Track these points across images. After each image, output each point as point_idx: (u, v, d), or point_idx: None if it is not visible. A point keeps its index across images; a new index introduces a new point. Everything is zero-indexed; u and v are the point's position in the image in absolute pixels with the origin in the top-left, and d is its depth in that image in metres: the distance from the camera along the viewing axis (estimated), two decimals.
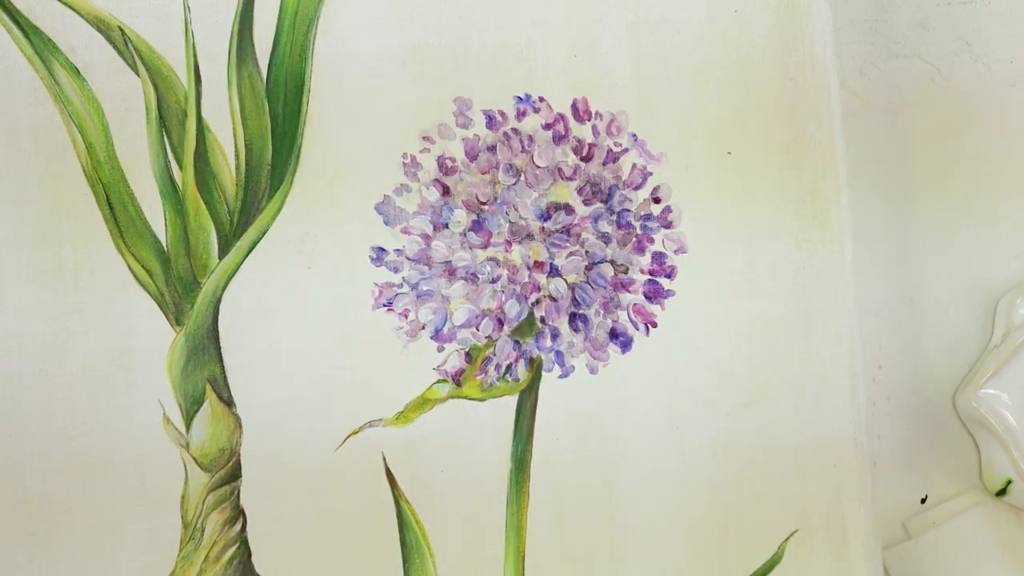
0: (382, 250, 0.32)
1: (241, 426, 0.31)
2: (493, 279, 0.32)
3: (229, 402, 0.31)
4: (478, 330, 0.32)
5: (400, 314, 0.32)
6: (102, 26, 0.32)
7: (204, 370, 0.31)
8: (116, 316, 0.31)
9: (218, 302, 0.32)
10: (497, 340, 0.32)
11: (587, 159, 0.32)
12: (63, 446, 0.31)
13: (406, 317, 0.32)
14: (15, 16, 0.32)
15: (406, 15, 0.33)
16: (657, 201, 0.33)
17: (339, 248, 0.32)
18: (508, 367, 0.32)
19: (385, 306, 0.32)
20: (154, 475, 0.31)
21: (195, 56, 0.32)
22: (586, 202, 0.32)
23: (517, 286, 0.32)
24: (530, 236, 0.32)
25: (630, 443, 0.33)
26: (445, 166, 0.32)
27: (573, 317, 0.32)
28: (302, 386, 0.32)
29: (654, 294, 0.33)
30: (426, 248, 0.32)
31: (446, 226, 0.32)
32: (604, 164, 0.33)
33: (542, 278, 0.32)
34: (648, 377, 0.33)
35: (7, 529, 0.31)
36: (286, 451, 0.31)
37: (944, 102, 0.39)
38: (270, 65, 0.32)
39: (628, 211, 0.32)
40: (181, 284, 0.32)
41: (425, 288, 0.32)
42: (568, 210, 0.32)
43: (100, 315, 0.31)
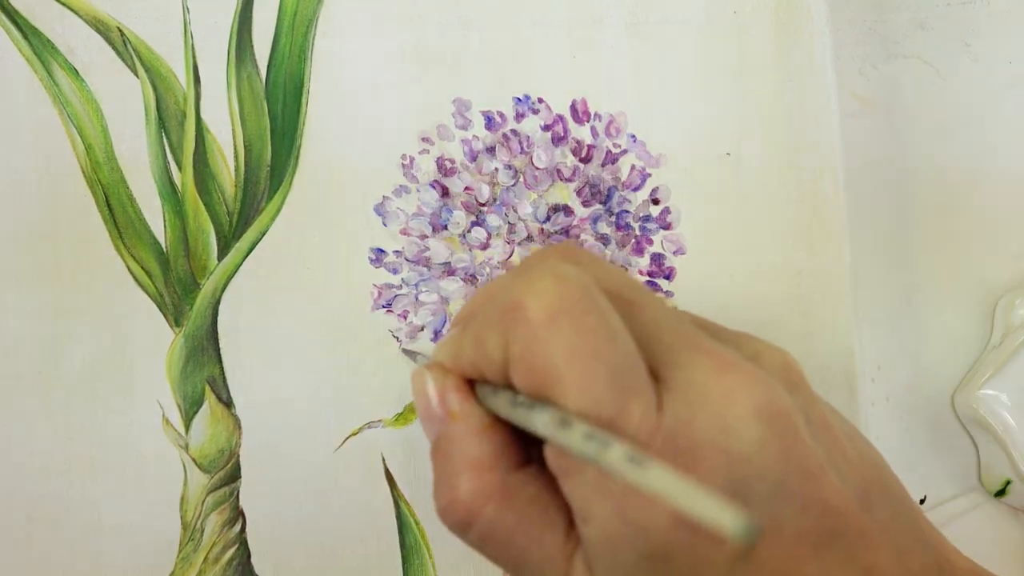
0: (381, 251, 0.32)
1: (240, 427, 0.31)
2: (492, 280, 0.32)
3: (228, 403, 0.31)
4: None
5: (399, 315, 0.32)
6: (101, 27, 0.32)
7: (203, 371, 0.31)
8: (115, 317, 0.31)
9: (217, 303, 0.32)
10: None
11: (586, 160, 0.32)
12: (63, 446, 0.31)
13: (405, 318, 0.32)
14: (14, 17, 0.32)
15: (406, 15, 0.33)
16: (656, 202, 0.33)
17: (338, 249, 0.32)
18: None
19: (384, 307, 0.32)
20: (153, 476, 0.31)
21: (194, 57, 0.32)
22: (585, 203, 0.32)
23: None
24: (529, 237, 0.32)
25: None
26: (444, 167, 0.32)
27: None
28: (301, 387, 0.32)
29: None
30: (425, 249, 0.32)
31: (445, 227, 0.32)
32: (603, 165, 0.33)
33: None
34: None
35: (7, 529, 0.31)
36: (286, 452, 0.31)
37: (943, 102, 0.39)
38: (269, 66, 0.32)
39: (627, 212, 0.32)
40: (180, 285, 0.32)
41: (425, 289, 0.32)
42: (567, 211, 0.32)
43: (99, 316, 0.31)
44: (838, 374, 0.33)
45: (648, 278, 0.32)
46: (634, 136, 0.33)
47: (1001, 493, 0.36)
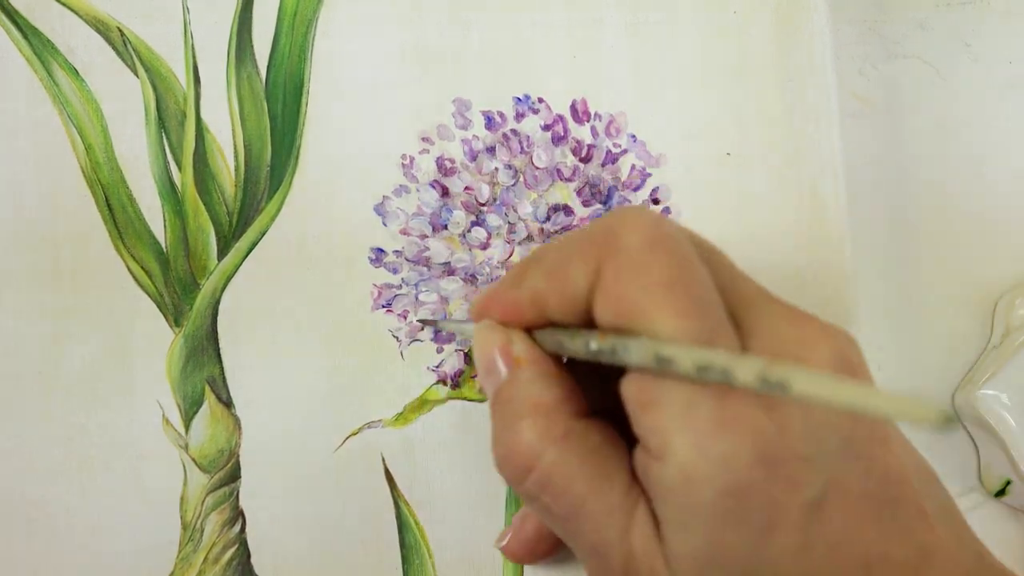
0: (381, 251, 0.32)
1: (240, 427, 0.31)
2: (492, 280, 0.32)
3: (228, 403, 0.31)
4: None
5: (399, 315, 0.32)
6: (101, 27, 0.32)
7: (203, 371, 0.31)
8: (115, 317, 0.31)
9: (217, 303, 0.32)
10: None
11: (586, 160, 0.32)
12: (63, 446, 0.31)
13: (405, 318, 0.32)
14: (14, 17, 0.32)
15: (406, 15, 0.33)
16: (656, 202, 0.33)
17: (338, 249, 0.32)
18: None
19: (384, 307, 0.32)
20: (153, 476, 0.31)
21: (194, 57, 0.32)
22: (585, 203, 0.32)
23: None
24: (529, 237, 0.32)
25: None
26: (444, 167, 0.32)
27: None
28: (301, 387, 0.32)
29: None
30: (425, 249, 0.32)
31: (445, 227, 0.32)
32: (603, 165, 0.33)
33: None
34: None
35: (7, 529, 0.31)
36: (285, 452, 0.31)
37: (943, 102, 0.39)
38: (269, 66, 0.32)
39: None
40: (180, 285, 0.32)
41: (425, 289, 0.32)
42: (567, 211, 0.32)
43: (99, 316, 0.31)
44: None
45: None
46: (634, 136, 0.33)
47: (1001, 493, 0.36)
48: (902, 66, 0.39)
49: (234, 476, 0.31)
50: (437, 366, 0.32)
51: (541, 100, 0.33)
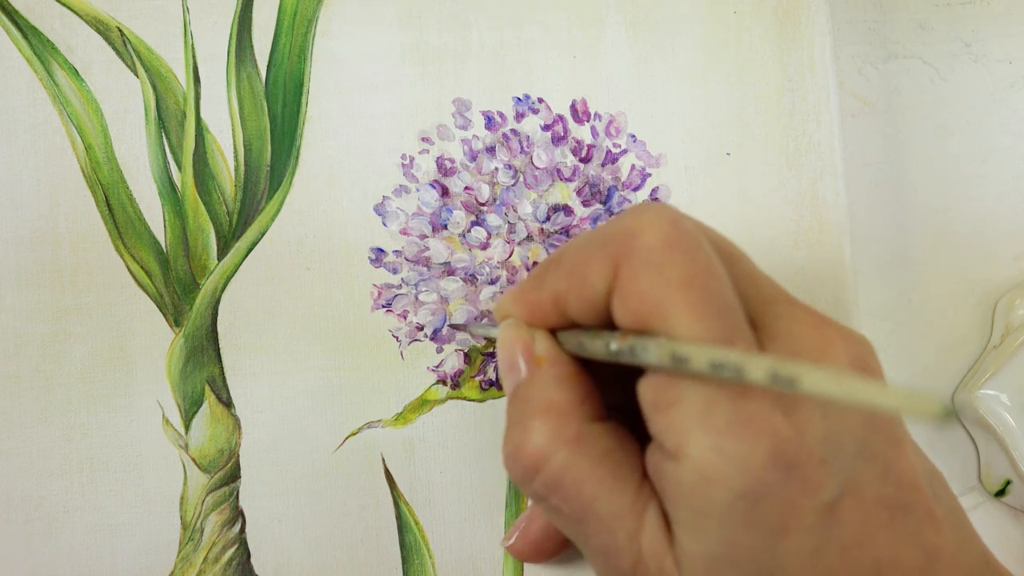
0: (381, 251, 0.32)
1: (240, 427, 0.31)
2: (492, 280, 0.32)
3: (228, 403, 0.31)
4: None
5: (399, 315, 0.32)
6: (101, 27, 0.32)
7: (203, 371, 0.31)
8: (115, 317, 0.31)
9: (217, 303, 0.32)
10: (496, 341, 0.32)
11: (586, 160, 0.32)
12: (62, 446, 0.31)
13: (405, 318, 0.32)
14: (14, 16, 0.32)
15: (405, 15, 0.33)
16: (656, 202, 0.33)
17: (338, 249, 0.32)
18: None
19: (384, 307, 0.32)
20: (153, 476, 0.31)
21: (194, 57, 0.32)
22: (585, 203, 0.32)
23: None
24: (529, 237, 0.32)
25: None
26: (444, 167, 0.32)
27: None
28: (301, 387, 0.32)
29: None
30: (425, 249, 0.32)
31: (445, 227, 0.32)
32: (603, 165, 0.33)
33: None
34: None
35: (7, 529, 0.31)
36: (285, 452, 0.31)
37: (943, 103, 0.39)
38: (269, 66, 0.32)
39: None
40: (180, 285, 0.32)
41: (425, 289, 0.32)
42: (567, 211, 0.32)
43: (99, 316, 0.31)
44: None
45: None
46: (634, 136, 0.33)
47: (1001, 493, 0.36)
48: (902, 66, 0.39)
49: (234, 476, 0.31)
50: (437, 366, 0.32)
51: (541, 100, 0.33)
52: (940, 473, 0.24)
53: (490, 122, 0.32)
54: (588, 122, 0.33)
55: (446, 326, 0.32)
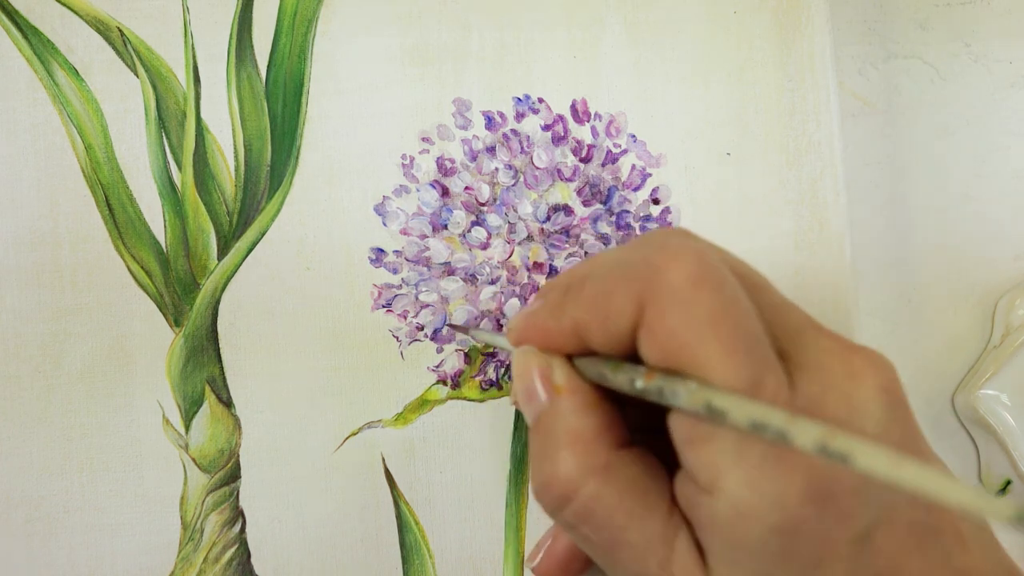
0: (381, 251, 0.32)
1: (240, 427, 0.31)
2: (492, 280, 0.32)
3: (228, 403, 0.31)
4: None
5: (399, 315, 0.32)
6: (101, 27, 0.32)
7: (203, 371, 0.31)
8: (115, 317, 0.31)
9: (217, 303, 0.32)
10: None
11: (586, 160, 0.32)
12: (62, 446, 0.31)
13: (405, 318, 0.32)
14: (14, 16, 0.32)
15: (406, 15, 0.33)
16: (656, 202, 0.33)
17: (338, 249, 0.32)
18: (507, 368, 0.32)
19: (384, 307, 0.32)
20: (153, 476, 0.31)
21: (194, 57, 0.32)
22: (585, 203, 0.32)
23: (516, 287, 0.32)
24: (529, 237, 0.32)
25: None
26: (444, 167, 0.32)
27: None
28: (301, 387, 0.32)
29: None
30: (425, 249, 0.32)
31: (445, 227, 0.32)
32: (603, 165, 0.33)
33: (541, 279, 0.32)
34: None
35: (7, 529, 0.31)
36: (285, 452, 0.31)
37: (943, 103, 0.39)
38: (269, 66, 0.32)
39: (627, 212, 0.32)
40: (180, 285, 0.32)
41: (425, 289, 0.32)
42: (567, 211, 0.32)
43: (99, 316, 0.31)
44: None
45: None
46: (634, 136, 0.33)
47: (1001, 493, 0.36)
48: (902, 66, 0.39)
49: (234, 476, 0.31)
50: (437, 366, 0.32)
51: (541, 100, 0.33)
52: None
53: (490, 122, 0.32)
54: (588, 122, 0.33)
55: (446, 326, 0.32)
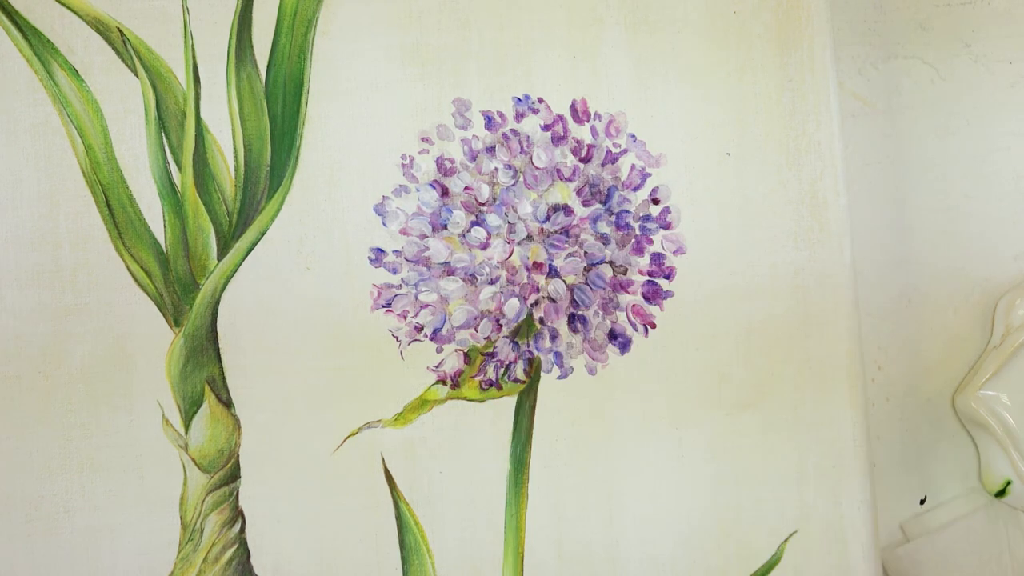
0: (381, 251, 0.32)
1: (240, 427, 0.31)
2: (492, 280, 0.32)
3: (228, 403, 0.31)
4: (477, 331, 0.32)
5: (399, 315, 0.32)
6: (101, 27, 0.32)
7: (203, 371, 0.31)
8: (115, 317, 0.31)
9: (217, 303, 0.32)
10: (496, 341, 0.32)
11: (586, 160, 0.32)
12: (62, 446, 0.31)
13: (405, 318, 0.32)
14: (14, 17, 0.32)
15: (405, 15, 0.33)
16: (656, 202, 0.33)
17: (338, 249, 0.32)
18: (507, 368, 0.32)
19: (384, 307, 0.32)
20: (153, 476, 0.31)
21: (194, 57, 0.32)
22: (585, 203, 0.32)
23: (516, 287, 0.32)
24: (529, 237, 0.32)
25: (629, 444, 0.33)
26: (444, 167, 0.32)
27: (572, 318, 0.32)
28: (301, 387, 0.32)
29: (653, 295, 0.33)
30: (425, 249, 0.32)
31: (445, 227, 0.32)
32: (603, 165, 0.33)
33: (541, 279, 0.32)
34: (647, 378, 0.33)
35: (7, 529, 0.31)
36: (285, 452, 0.31)
37: (943, 103, 0.39)
38: (269, 66, 0.32)
39: (627, 212, 0.32)
40: (180, 285, 0.32)
41: (425, 289, 0.32)
42: (567, 211, 0.32)
43: (99, 316, 0.31)
44: (838, 374, 0.33)
45: (648, 278, 0.32)
46: (634, 136, 0.33)
47: (1001, 493, 0.36)
48: (902, 66, 0.39)
49: (234, 476, 0.31)
50: (437, 366, 0.32)
51: (541, 100, 0.33)
52: None
53: (490, 122, 0.32)
54: (588, 122, 0.33)
55: (447, 326, 0.32)
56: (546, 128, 0.32)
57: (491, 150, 0.32)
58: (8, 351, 0.31)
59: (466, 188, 0.32)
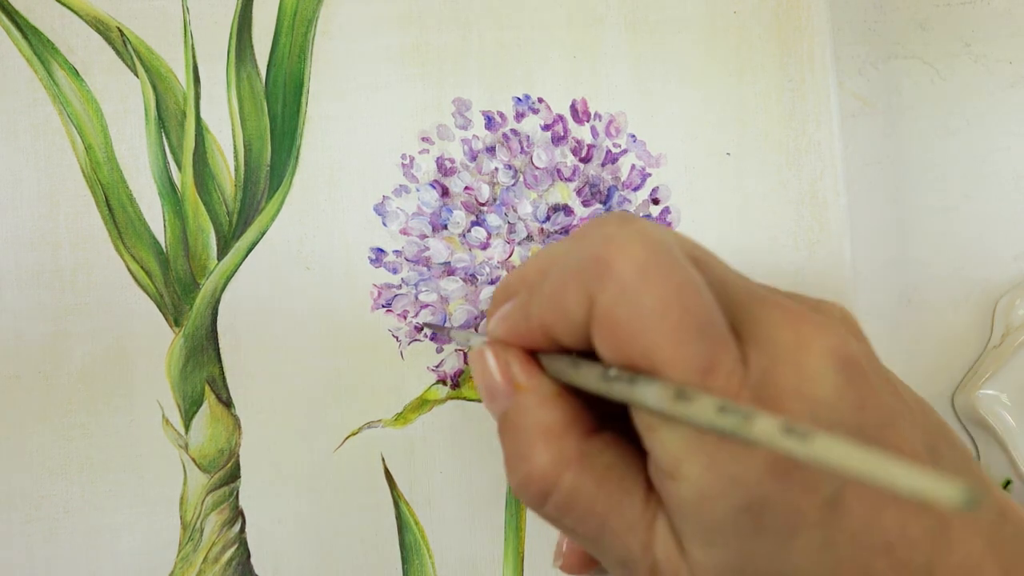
0: (381, 251, 0.32)
1: (240, 427, 0.31)
2: (492, 280, 0.32)
3: (228, 403, 0.31)
4: (476, 331, 0.32)
5: (399, 315, 0.32)
6: (101, 27, 0.32)
7: (203, 371, 0.31)
8: (115, 317, 0.31)
9: (217, 303, 0.32)
10: None
11: (586, 160, 0.32)
12: (62, 446, 0.31)
13: (405, 318, 0.32)
14: (14, 16, 0.32)
15: (406, 15, 0.33)
16: (656, 202, 0.33)
17: (338, 249, 0.32)
18: None
19: (384, 307, 0.32)
20: (153, 476, 0.31)
21: (194, 57, 0.32)
22: (585, 203, 0.32)
23: None
24: (529, 237, 0.32)
25: None
26: (444, 167, 0.32)
27: None
28: (301, 387, 0.32)
29: None
30: (425, 249, 0.32)
31: (445, 227, 0.32)
32: (603, 165, 0.33)
33: None
34: None
35: (7, 529, 0.31)
36: (285, 452, 0.31)
37: (943, 103, 0.39)
38: (269, 66, 0.32)
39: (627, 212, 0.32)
40: (180, 285, 0.32)
41: (425, 289, 0.32)
42: (567, 211, 0.32)
43: (99, 316, 0.31)
44: None
45: None
46: (634, 136, 0.33)
47: None
48: (902, 66, 0.39)
49: (234, 476, 0.31)
50: (437, 366, 0.32)
51: (541, 100, 0.33)
52: (945, 431, 0.23)
53: (490, 122, 0.32)
54: (588, 122, 0.33)
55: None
56: (546, 128, 0.32)
57: (491, 150, 0.32)
58: (8, 351, 0.31)
59: (466, 188, 0.32)
